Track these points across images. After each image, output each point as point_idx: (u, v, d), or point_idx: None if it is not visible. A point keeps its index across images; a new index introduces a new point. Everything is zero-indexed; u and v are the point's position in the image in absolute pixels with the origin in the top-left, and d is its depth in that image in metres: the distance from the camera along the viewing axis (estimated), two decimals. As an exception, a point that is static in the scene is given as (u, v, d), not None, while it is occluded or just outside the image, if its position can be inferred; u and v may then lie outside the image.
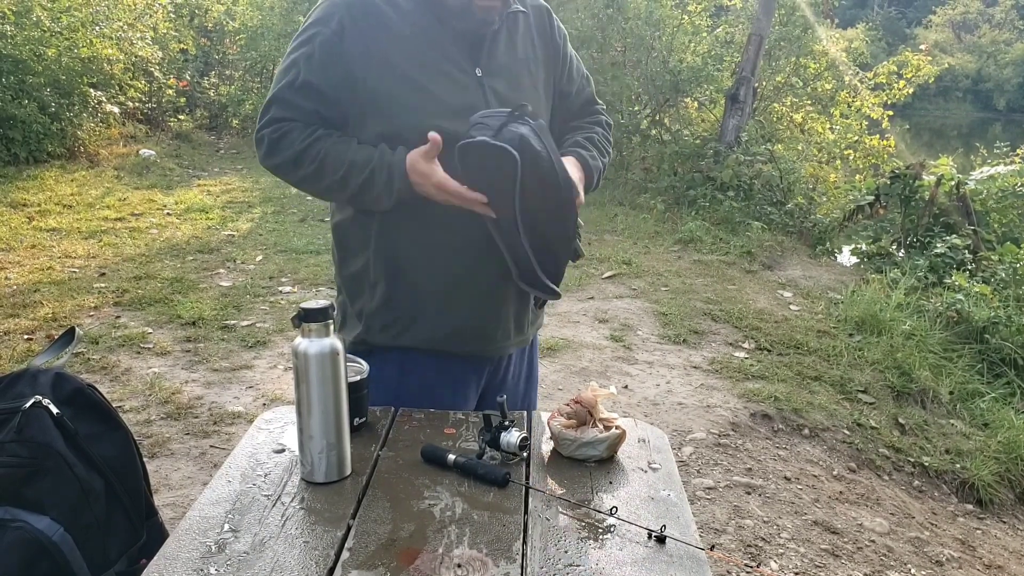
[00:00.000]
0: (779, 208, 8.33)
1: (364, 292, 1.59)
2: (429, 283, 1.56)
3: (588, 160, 1.64)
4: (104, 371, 3.86)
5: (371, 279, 1.58)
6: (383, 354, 1.58)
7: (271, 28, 12.40)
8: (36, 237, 6.15)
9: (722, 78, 10.06)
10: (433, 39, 1.52)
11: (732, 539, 2.79)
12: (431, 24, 1.52)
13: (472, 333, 1.60)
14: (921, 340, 4.86)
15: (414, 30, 1.51)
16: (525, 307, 1.67)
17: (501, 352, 1.67)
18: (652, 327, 4.89)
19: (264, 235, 6.68)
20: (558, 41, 1.70)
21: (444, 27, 1.53)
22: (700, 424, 3.62)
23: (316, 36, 1.50)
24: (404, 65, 1.50)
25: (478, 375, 1.67)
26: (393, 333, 1.58)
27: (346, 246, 1.62)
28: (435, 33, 1.53)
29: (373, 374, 1.47)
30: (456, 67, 1.53)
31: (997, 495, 3.67)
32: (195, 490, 2.86)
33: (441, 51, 1.53)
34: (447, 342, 1.58)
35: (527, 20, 1.65)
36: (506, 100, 1.54)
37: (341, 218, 1.62)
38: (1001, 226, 7.66)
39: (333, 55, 1.49)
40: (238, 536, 1.14)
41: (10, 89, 8.47)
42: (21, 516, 1.40)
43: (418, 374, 1.60)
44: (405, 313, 1.57)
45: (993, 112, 35.38)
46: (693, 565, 1.11)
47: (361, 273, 1.59)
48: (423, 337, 1.58)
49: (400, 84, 1.49)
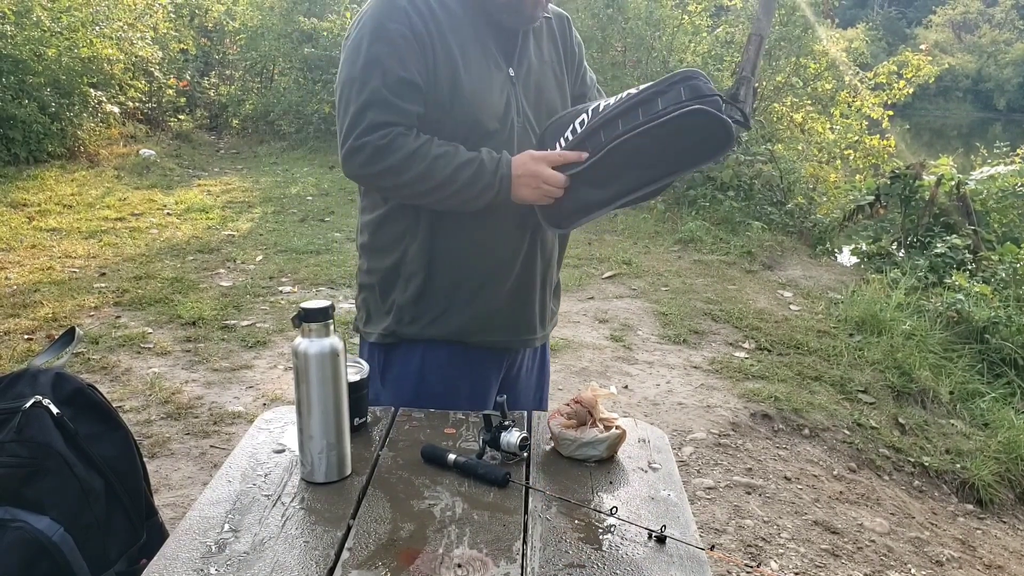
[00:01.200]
0: (779, 208, 8.33)
1: (397, 285, 1.61)
2: (467, 275, 1.59)
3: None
4: (104, 371, 3.86)
5: (407, 273, 1.60)
6: (409, 346, 1.62)
7: (271, 28, 12.40)
8: (36, 237, 6.15)
9: (722, 78, 10.06)
10: (477, 35, 1.55)
11: (732, 539, 2.79)
12: (475, 19, 1.54)
13: (502, 323, 1.64)
14: (921, 340, 4.85)
15: (461, 24, 1.53)
16: (546, 301, 1.72)
17: (526, 344, 1.71)
18: (652, 327, 4.89)
19: (264, 235, 6.68)
20: (575, 50, 1.75)
21: (488, 23, 1.55)
22: (700, 424, 3.62)
23: (391, 31, 1.48)
24: (460, 62, 1.52)
25: (498, 369, 1.71)
26: (423, 324, 1.61)
27: (381, 242, 1.63)
28: (480, 29, 1.55)
29: (397, 366, 1.49)
30: (496, 66, 1.56)
31: (997, 495, 3.67)
32: (195, 490, 2.86)
33: (483, 49, 1.55)
34: (477, 333, 1.63)
35: (550, 25, 1.70)
36: (533, 103, 1.60)
37: (375, 215, 1.63)
38: (1001, 226, 7.66)
39: (413, 47, 1.48)
40: (238, 536, 1.14)
41: (10, 89, 8.47)
42: (21, 516, 1.40)
43: (442, 365, 1.63)
44: (438, 305, 1.60)
45: (993, 112, 35.38)
46: (693, 565, 1.11)
47: (396, 267, 1.61)
48: (454, 328, 1.61)
49: (458, 82, 1.51)
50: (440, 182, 1.48)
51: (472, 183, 1.48)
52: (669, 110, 1.36)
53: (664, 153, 1.40)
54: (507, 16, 1.55)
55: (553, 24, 1.71)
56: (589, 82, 1.80)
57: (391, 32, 1.47)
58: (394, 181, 1.50)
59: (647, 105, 1.39)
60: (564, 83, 1.70)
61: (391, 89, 1.47)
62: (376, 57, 1.47)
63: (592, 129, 1.44)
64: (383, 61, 1.47)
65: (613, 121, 1.42)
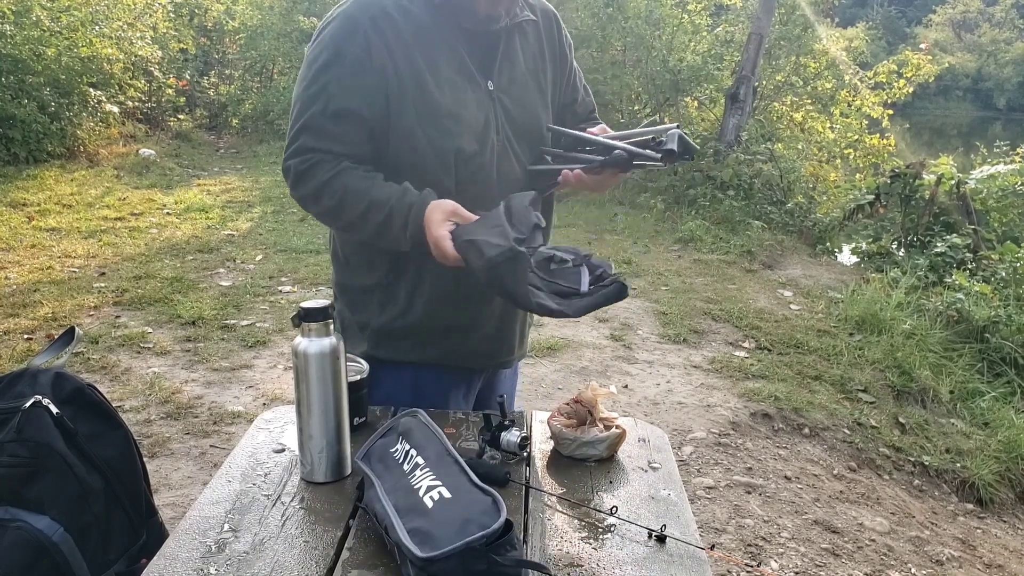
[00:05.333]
0: (779, 207, 8.33)
1: (371, 306, 1.56)
2: (447, 300, 1.52)
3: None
4: (104, 371, 3.86)
5: (383, 295, 1.54)
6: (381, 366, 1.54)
7: (271, 27, 12.41)
8: (36, 237, 6.15)
9: (722, 77, 10.06)
10: (451, 47, 1.46)
11: (732, 538, 2.79)
12: (446, 29, 1.46)
13: (483, 350, 1.61)
14: (921, 339, 4.85)
15: (431, 37, 1.44)
16: (527, 322, 1.69)
17: (504, 366, 1.69)
18: (652, 326, 4.89)
19: (264, 234, 6.68)
20: (565, 50, 1.66)
21: (460, 31, 1.47)
22: (700, 423, 3.62)
23: (344, 56, 1.41)
24: (431, 80, 1.43)
25: (473, 388, 1.67)
26: (403, 348, 1.55)
27: (356, 260, 1.57)
28: (452, 40, 1.46)
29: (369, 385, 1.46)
30: (471, 81, 1.48)
31: (997, 494, 3.67)
32: (195, 490, 2.86)
33: (458, 62, 1.47)
34: (455, 358, 1.58)
35: (536, 27, 1.60)
36: (515, 120, 1.52)
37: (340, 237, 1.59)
38: (1001, 225, 7.65)
39: (369, 75, 1.40)
40: (238, 536, 1.14)
41: (10, 89, 8.47)
42: (21, 516, 1.40)
43: (416, 388, 1.58)
44: (417, 330, 1.54)
45: (993, 111, 35.39)
46: (693, 564, 1.11)
47: (373, 288, 1.55)
48: (433, 353, 1.56)
49: (429, 103, 1.43)
50: (353, 220, 1.44)
51: (383, 231, 1.41)
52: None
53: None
54: (465, 19, 1.46)
55: (540, 24, 1.60)
56: (580, 89, 1.72)
57: (346, 57, 1.41)
58: (315, 209, 1.47)
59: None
60: (547, 95, 1.61)
61: (329, 117, 1.41)
62: (324, 84, 1.42)
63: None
64: (329, 87, 1.41)
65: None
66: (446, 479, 1.10)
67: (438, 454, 1.17)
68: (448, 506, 1.05)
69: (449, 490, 1.08)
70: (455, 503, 1.05)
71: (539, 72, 1.59)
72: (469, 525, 0.99)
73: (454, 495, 1.07)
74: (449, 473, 1.12)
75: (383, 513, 1.07)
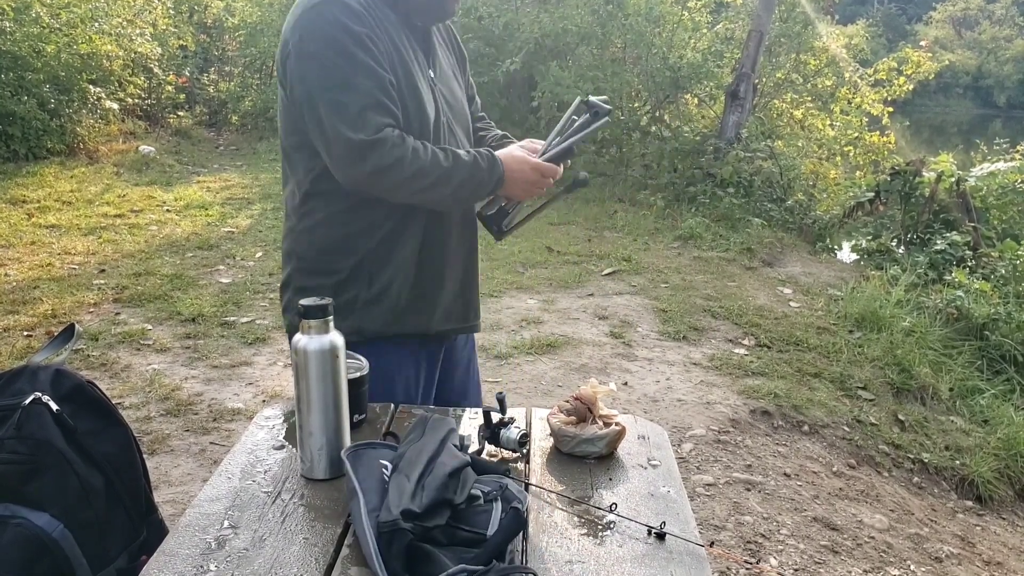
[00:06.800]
0: (779, 205, 8.32)
1: (358, 285, 1.61)
2: (425, 272, 1.65)
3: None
4: (104, 367, 3.86)
5: (367, 274, 1.61)
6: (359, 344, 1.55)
7: (270, 24, 12.37)
8: (35, 234, 6.15)
9: (722, 74, 10.05)
10: (405, 38, 1.60)
11: (732, 535, 2.79)
12: (399, 24, 1.59)
13: (458, 314, 1.74)
14: (921, 337, 4.86)
15: (395, 26, 1.58)
16: (478, 288, 1.83)
17: (475, 329, 1.83)
18: (652, 324, 4.89)
19: (264, 231, 6.67)
20: (463, 51, 1.86)
21: (408, 26, 1.61)
22: (700, 421, 3.62)
23: (360, 36, 1.48)
24: (406, 60, 1.58)
25: (437, 358, 1.77)
26: (386, 322, 1.63)
27: (335, 245, 1.61)
28: (406, 32, 1.60)
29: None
30: (422, 72, 1.62)
31: (996, 492, 3.67)
32: (195, 487, 2.86)
33: (412, 54, 1.60)
34: (436, 323, 1.69)
35: (445, 31, 1.80)
36: (448, 104, 1.67)
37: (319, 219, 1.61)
38: (1001, 223, 7.65)
39: (380, 51, 1.51)
40: (238, 533, 1.14)
41: (9, 85, 8.46)
42: (21, 513, 1.40)
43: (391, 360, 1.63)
44: (397, 303, 1.63)
45: (993, 108, 35.38)
46: (693, 561, 1.11)
47: (356, 268, 1.61)
48: (416, 323, 1.66)
49: (407, 78, 1.57)
50: (434, 180, 1.51)
51: (469, 179, 1.55)
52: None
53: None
54: (420, 15, 1.62)
55: (442, 32, 1.78)
56: (473, 88, 1.90)
57: (363, 37, 1.48)
58: (396, 178, 1.49)
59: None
60: (463, 86, 1.81)
61: (385, 90, 1.50)
62: (363, 62, 1.47)
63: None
64: (367, 65, 1.48)
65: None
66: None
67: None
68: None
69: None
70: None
71: (456, 68, 1.79)
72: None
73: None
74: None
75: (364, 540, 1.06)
